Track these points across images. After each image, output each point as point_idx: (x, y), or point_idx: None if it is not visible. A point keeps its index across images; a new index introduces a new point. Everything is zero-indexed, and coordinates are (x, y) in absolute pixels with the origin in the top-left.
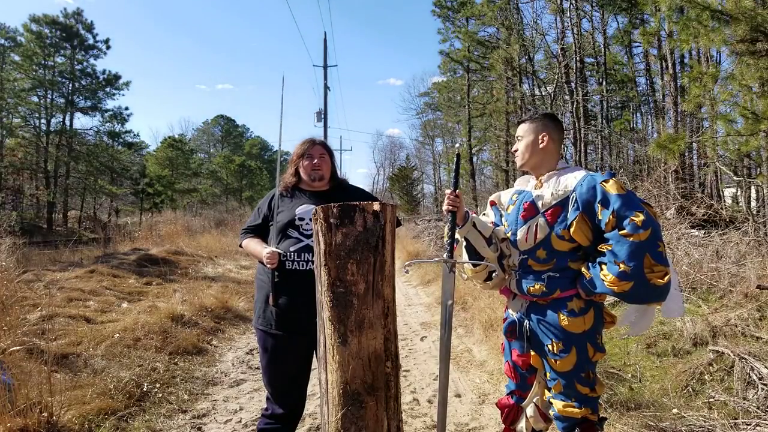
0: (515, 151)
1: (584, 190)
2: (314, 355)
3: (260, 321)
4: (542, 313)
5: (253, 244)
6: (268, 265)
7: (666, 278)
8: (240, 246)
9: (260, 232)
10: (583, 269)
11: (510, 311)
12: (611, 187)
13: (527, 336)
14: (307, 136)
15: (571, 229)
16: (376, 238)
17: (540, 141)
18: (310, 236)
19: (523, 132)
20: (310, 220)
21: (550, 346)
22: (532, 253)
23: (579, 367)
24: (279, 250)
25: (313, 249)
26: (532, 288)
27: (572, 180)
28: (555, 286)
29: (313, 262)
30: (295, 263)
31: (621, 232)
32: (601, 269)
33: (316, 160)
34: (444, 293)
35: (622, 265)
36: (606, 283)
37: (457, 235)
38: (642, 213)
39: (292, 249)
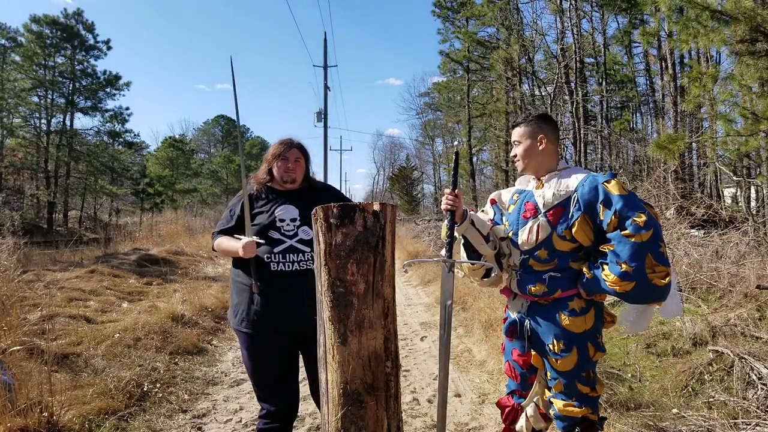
0: (514, 156)
1: (586, 191)
2: (299, 352)
3: (242, 324)
4: (543, 313)
5: (225, 241)
6: (246, 256)
7: (667, 279)
8: (213, 249)
9: (232, 235)
10: (584, 269)
11: (510, 311)
12: (613, 188)
13: (528, 336)
14: (285, 137)
15: (573, 230)
16: (376, 238)
17: (539, 144)
18: (292, 237)
19: (519, 136)
20: (291, 220)
21: (551, 346)
22: (533, 253)
23: (580, 366)
24: (256, 238)
25: (296, 249)
26: (533, 288)
27: (574, 180)
28: (556, 286)
29: (296, 262)
30: (280, 264)
31: (623, 233)
32: (603, 269)
33: (290, 164)
34: (443, 293)
35: (624, 266)
36: (608, 283)
37: (455, 233)
38: (644, 214)
39: (275, 250)
